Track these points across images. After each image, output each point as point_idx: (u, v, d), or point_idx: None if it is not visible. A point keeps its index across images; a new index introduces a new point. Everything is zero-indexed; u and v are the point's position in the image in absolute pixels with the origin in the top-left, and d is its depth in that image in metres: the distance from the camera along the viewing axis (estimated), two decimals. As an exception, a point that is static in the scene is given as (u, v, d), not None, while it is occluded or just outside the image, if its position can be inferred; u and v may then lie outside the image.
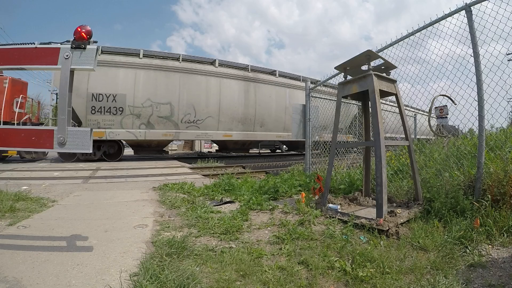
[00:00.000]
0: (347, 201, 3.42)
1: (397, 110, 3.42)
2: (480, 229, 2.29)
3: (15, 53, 2.00)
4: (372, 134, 3.01)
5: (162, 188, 4.93)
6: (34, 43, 1.99)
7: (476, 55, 2.86)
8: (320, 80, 5.74)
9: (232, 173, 6.02)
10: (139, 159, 13.21)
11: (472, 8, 2.90)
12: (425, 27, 3.37)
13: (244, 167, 10.26)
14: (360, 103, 4.35)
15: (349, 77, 3.31)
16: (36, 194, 4.18)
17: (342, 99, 3.42)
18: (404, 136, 3.30)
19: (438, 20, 3.23)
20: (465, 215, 2.55)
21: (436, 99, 4.62)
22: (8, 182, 5.02)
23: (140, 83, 11.56)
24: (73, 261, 1.94)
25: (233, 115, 13.63)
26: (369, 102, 3.11)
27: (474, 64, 2.88)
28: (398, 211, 2.77)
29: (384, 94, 3.27)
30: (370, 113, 3.32)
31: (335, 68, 3.56)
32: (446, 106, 5.35)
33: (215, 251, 2.16)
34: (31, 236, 2.45)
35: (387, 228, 2.45)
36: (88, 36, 1.96)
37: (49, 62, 1.97)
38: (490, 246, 2.15)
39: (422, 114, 10.39)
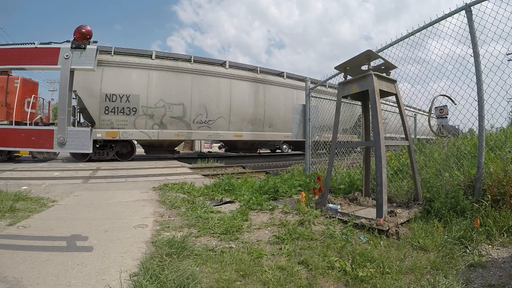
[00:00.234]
0: (347, 201, 3.42)
1: (397, 110, 3.43)
2: (480, 229, 2.29)
3: (15, 53, 1.99)
4: (372, 134, 3.01)
5: (162, 188, 4.93)
6: (34, 43, 1.98)
7: (476, 55, 2.86)
8: (321, 80, 5.74)
9: (232, 173, 6.02)
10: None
11: (472, 8, 2.90)
12: (425, 27, 3.37)
13: (244, 167, 10.26)
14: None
15: (349, 77, 3.31)
16: (36, 194, 4.18)
17: (345, 100, 3.43)
18: (404, 136, 3.31)
19: (438, 20, 3.23)
20: (465, 215, 2.55)
21: (436, 99, 4.61)
22: (8, 182, 5.01)
23: (153, 84, 11.66)
24: (73, 261, 1.94)
25: (243, 116, 13.78)
26: (369, 102, 3.11)
27: (474, 64, 2.88)
28: (398, 211, 2.77)
29: (384, 94, 3.27)
30: (370, 113, 3.32)
31: (335, 68, 3.56)
32: (446, 106, 5.35)
33: (215, 251, 2.16)
34: (31, 236, 2.45)
35: (387, 228, 2.45)
36: (88, 36, 1.96)
37: (49, 62, 1.97)
38: (490, 246, 2.15)
39: (422, 114, 10.38)
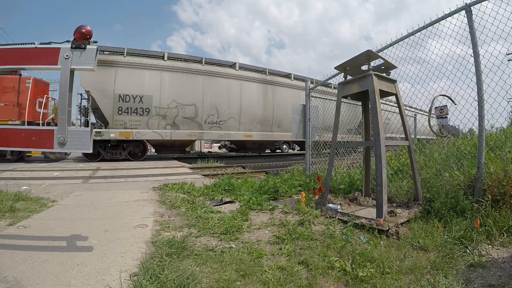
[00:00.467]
0: (347, 201, 3.42)
1: (397, 110, 3.43)
2: (480, 229, 2.29)
3: (15, 53, 1.99)
4: (372, 134, 3.01)
5: (162, 188, 4.93)
6: (34, 43, 1.98)
7: (476, 55, 2.86)
8: (321, 80, 5.74)
9: (232, 173, 6.02)
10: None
11: (472, 8, 2.90)
12: (425, 27, 3.37)
13: (244, 167, 10.27)
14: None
15: (349, 77, 3.31)
16: (36, 194, 4.18)
17: (348, 100, 3.42)
18: (404, 136, 3.31)
19: (438, 20, 3.23)
20: (465, 215, 2.55)
21: (436, 99, 4.61)
22: (8, 182, 5.02)
23: (166, 85, 11.78)
24: (73, 261, 1.94)
25: (253, 116, 13.97)
26: (369, 102, 3.11)
27: (474, 64, 2.88)
28: (398, 211, 2.77)
29: (384, 94, 3.27)
30: (370, 113, 3.32)
31: (335, 68, 3.56)
32: (446, 106, 5.36)
33: (215, 251, 2.16)
34: (31, 236, 2.45)
35: (387, 228, 2.45)
36: (88, 36, 1.96)
37: (49, 62, 1.97)
38: (490, 246, 2.15)
39: (422, 114, 10.39)
